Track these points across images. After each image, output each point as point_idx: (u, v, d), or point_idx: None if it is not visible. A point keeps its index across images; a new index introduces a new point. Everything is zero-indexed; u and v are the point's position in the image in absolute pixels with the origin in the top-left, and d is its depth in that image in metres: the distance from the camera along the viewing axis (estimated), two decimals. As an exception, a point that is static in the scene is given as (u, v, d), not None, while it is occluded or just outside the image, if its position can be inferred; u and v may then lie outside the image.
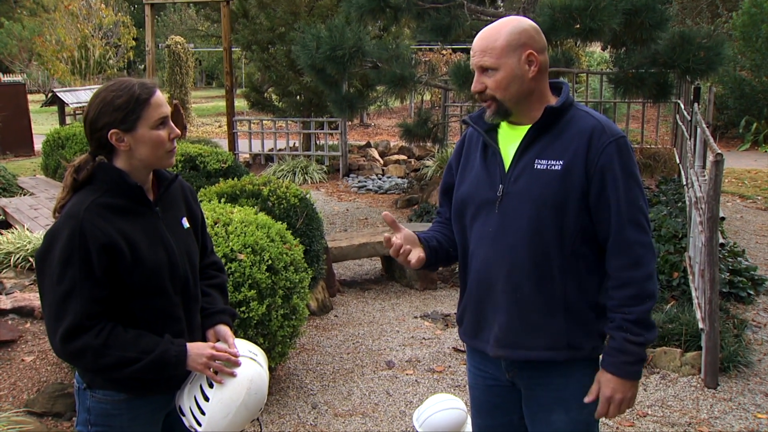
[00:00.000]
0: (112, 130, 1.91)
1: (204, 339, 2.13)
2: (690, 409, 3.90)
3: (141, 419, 2.04)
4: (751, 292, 5.42)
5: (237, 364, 2.01)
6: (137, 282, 1.92)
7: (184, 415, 2.01)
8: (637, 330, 1.94)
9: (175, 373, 1.98)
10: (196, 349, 1.99)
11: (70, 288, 1.84)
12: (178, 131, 2.01)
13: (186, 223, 2.13)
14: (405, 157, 12.46)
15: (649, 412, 3.87)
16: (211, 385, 1.99)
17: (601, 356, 2.04)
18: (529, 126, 2.01)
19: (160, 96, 1.96)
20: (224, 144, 12.15)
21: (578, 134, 1.96)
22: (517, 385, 2.14)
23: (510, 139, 2.06)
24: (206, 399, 1.98)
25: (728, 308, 5.05)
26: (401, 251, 2.02)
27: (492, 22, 2.07)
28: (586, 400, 2.01)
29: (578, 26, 6.07)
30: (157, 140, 1.95)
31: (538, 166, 1.97)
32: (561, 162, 1.95)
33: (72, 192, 1.96)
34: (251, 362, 2.05)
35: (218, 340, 2.11)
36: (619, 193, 1.93)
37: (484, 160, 2.09)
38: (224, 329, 2.14)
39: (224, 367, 2.00)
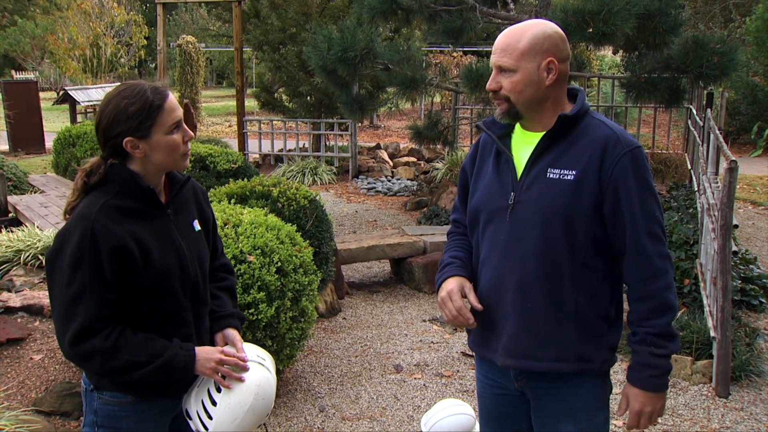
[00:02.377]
0: (126, 138, 1.90)
1: (212, 342, 2.11)
2: (701, 418, 3.86)
3: (148, 422, 2.03)
4: (763, 301, 5.37)
5: (245, 369, 2.00)
6: (147, 285, 1.91)
7: (191, 419, 2.00)
8: (661, 342, 1.93)
9: (184, 377, 1.97)
10: (204, 353, 1.97)
11: (80, 290, 1.83)
12: (192, 134, 2.00)
13: (197, 226, 2.11)
14: (415, 159, 12.44)
15: (660, 421, 3.83)
16: (218, 390, 1.98)
17: (626, 369, 2.02)
18: (543, 133, 1.98)
19: (173, 99, 1.95)
20: (234, 144, 12.17)
21: (592, 144, 1.93)
22: (526, 394, 2.11)
23: (523, 146, 2.03)
24: (214, 403, 1.96)
25: (740, 316, 5.01)
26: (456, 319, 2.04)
27: (504, 25, 2.05)
28: (619, 414, 2.03)
29: (591, 30, 6.03)
30: (172, 145, 1.94)
31: (551, 175, 1.94)
32: (574, 172, 1.92)
33: (82, 194, 1.95)
34: (259, 367, 2.03)
35: (226, 344, 2.10)
36: (635, 204, 1.90)
37: (497, 167, 2.06)
38: (233, 333, 2.12)
39: (232, 371, 1.98)
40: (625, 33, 6.10)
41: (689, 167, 9.38)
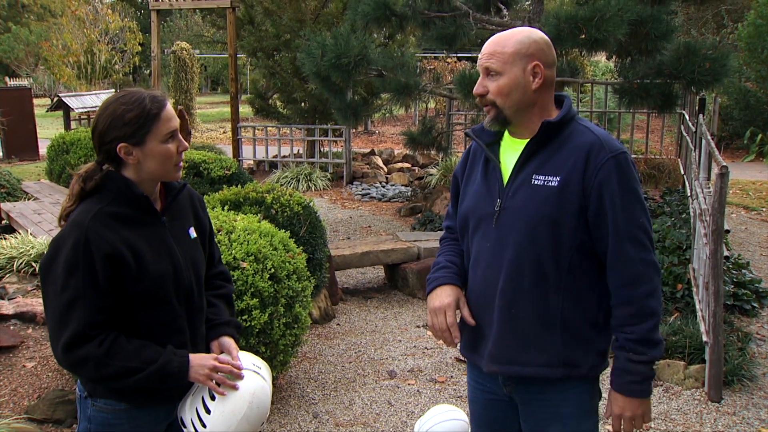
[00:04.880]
0: (120, 144, 1.91)
1: (208, 350, 2.12)
2: (693, 422, 3.87)
3: (142, 429, 2.03)
4: (756, 305, 5.39)
5: (240, 377, 2.00)
6: (141, 292, 1.91)
7: (185, 427, 2.00)
8: (640, 349, 1.92)
9: (177, 384, 1.97)
10: (198, 360, 1.98)
11: (74, 297, 1.83)
12: (187, 145, 2.01)
13: (193, 233, 2.12)
14: (409, 165, 12.46)
15: (652, 426, 3.85)
16: (213, 398, 1.97)
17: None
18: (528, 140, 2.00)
19: (170, 109, 1.96)
20: (228, 150, 12.16)
21: (576, 150, 1.94)
22: (515, 400, 2.12)
23: (511, 153, 2.05)
24: (208, 411, 1.96)
25: (732, 321, 5.03)
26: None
27: (497, 31, 2.07)
28: (605, 416, 2.02)
29: (584, 36, 6.06)
30: (165, 154, 1.94)
31: (536, 182, 1.96)
32: (558, 178, 1.93)
33: (78, 201, 1.95)
34: (254, 375, 2.03)
35: (222, 352, 2.10)
36: (617, 210, 1.90)
37: (485, 174, 2.08)
38: (228, 341, 2.12)
39: (227, 379, 1.98)
40: (617, 39, 6.13)
41: (682, 172, 9.42)
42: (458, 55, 15.50)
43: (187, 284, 2.02)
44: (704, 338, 4.22)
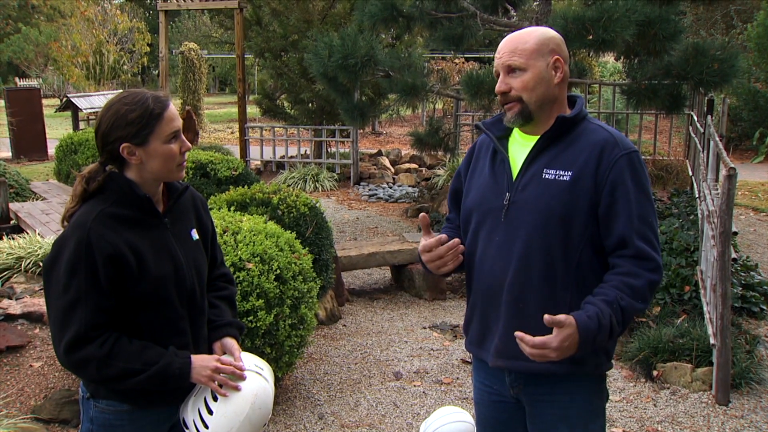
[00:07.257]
0: (123, 144, 1.91)
1: (210, 351, 2.11)
2: (701, 426, 3.85)
3: (144, 431, 2.03)
4: (764, 308, 5.35)
5: (242, 378, 2.00)
6: (143, 293, 1.91)
7: (187, 428, 1.99)
8: (620, 318, 1.85)
9: (179, 385, 1.97)
10: (200, 361, 1.97)
11: (76, 298, 1.83)
12: (189, 145, 2.00)
13: (195, 235, 2.12)
14: (416, 166, 12.45)
15: (659, 429, 3.83)
16: (215, 399, 1.97)
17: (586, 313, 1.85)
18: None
19: (173, 109, 1.96)
20: (236, 151, 12.18)
21: (590, 146, 1.94)
22: (522, 401, 2.11)
23: (521, 147, 2.04)
24: (210, 412, 1.96)
25: (740, 323, 5.00)
26: (444, 257, 2.01)
27: (505, 32, 2.07)
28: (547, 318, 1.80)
29: (591, 37, 6.04)
30: (168, 154, 1.94)
31: (547, 176, 1.95)
32: (570, 173, 1.93)
33: (81, 201, 1.96)
34: (257, 376, 2.03)
35: (224, 353, 2.10)
36: (632, 207, 1.90)
37: (493, 167, 2.07)
38: (231, 342, 2.12)
39: (229, 380, 1.98)
40: (625, 40, 6.11)
41: (690, 174, 9.38)
42: (466, 55, 15.50)
43: (189, 286, 2.02)
44: (712, 341, 4.20)
